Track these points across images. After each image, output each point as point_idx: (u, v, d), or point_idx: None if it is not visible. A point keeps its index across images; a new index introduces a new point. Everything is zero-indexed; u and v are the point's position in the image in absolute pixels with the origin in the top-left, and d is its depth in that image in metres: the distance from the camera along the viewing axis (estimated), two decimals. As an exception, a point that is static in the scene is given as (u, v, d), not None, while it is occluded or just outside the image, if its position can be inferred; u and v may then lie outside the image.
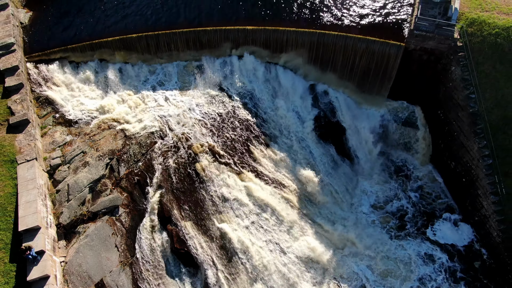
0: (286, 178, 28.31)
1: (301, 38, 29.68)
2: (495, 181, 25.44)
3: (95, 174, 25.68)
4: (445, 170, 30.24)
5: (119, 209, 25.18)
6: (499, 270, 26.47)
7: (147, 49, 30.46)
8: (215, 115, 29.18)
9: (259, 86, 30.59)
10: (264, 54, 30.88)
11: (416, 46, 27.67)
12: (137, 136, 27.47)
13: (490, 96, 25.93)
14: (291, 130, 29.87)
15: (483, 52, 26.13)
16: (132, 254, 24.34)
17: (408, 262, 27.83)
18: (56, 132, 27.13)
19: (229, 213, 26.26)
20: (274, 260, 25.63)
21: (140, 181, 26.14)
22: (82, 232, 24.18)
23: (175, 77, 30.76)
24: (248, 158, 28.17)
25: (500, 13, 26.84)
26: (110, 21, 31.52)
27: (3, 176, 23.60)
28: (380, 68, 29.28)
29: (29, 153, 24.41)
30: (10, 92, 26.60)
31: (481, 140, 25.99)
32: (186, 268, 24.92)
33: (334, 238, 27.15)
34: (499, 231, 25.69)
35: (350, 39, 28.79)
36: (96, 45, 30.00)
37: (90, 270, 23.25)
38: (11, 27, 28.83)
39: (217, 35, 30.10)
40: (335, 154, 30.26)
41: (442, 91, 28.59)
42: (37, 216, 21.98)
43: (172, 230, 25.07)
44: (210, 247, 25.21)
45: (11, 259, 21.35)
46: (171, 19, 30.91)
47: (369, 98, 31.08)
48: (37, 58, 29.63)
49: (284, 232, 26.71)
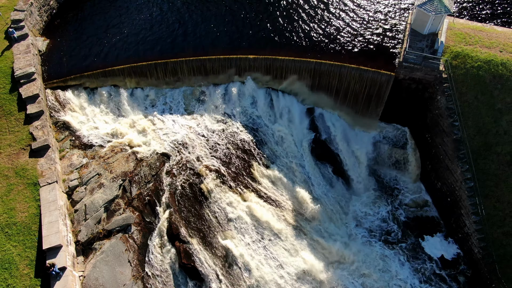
0: (284, 198, 30.66)
1: (299, 66, 31.96)
2: (476, 202, 27.72)
3: (110, 195, 28.06)
4: (433, 189, 32.51)
5: (131, 227, 27.55)
6: (480, 283, 28.74)
7: (156, 76, 32.76)
8: (219, 138, 31.50)
9: (260, 110, 32.90)
10: (265, 80, 33.19)
11: (405, 76, 29.91)
12: (147, 159, 29.84)
13: (472, 124, 28.15)
14: (289, 152, 32.19)
15: (466, 83, 28.35)
16: (144, 268, 26.72)
17: (396, 273, 30.15)
18: (73, 155, 29.52)
19: (232, 231, 28.64)
20: (272, 274, 28.00)
21: (151, 201, 28.52)
22: (98, 248, 26.55)
23: (182, 102, 33.09)
24: (250, 179, 30.52)
25: (483, 46, 29.05)
26: (122, 48, 33.86)
27: (27, 198, 25.99)
28: (373, 94, 31.54)
29: (50, 176, 26.79)
30: (32, 118, 28.93)
31: (463, 164, 28.24)
32: (192, 281, 27.26)
33: (328, 254, 29.47)
34: (479, 248, 27.97)
35: (344, 68, 31.06)
36: (109, 72, 32.31)
37: (106, 284, 25.62)
38: (31, 57, 31.16)
39: (221, 63, 32.38)
40: (330, 174, 32.57)
41: (429, 117, 30.83)
42: (59, 235, 24.34)
43: (179, 246, 27.43)
44: (215, 262, 27.58)
45: (36, 274, 23.71)
46: (178, 47, 33.22)
47: (362, 121, 33.31)
48: (55, 84, 31.97)
49: (281, 248, 29.06)
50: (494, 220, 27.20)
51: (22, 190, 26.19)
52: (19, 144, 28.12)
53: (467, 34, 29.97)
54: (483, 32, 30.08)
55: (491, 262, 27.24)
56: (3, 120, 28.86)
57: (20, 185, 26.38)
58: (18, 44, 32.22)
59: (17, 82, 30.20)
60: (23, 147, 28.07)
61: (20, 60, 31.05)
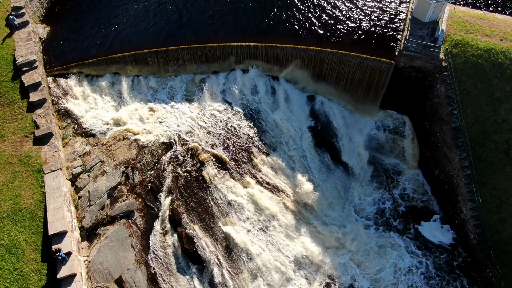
0: (284, 184, 31.15)
1: (300, 54, 32.05)
2: (473, 189, 28.19)
3: (113, 182, 28.55)
4: (431, 176, 32.96)
5: (134, 213, 28.13)
6: (475, 267, 29.44)
7: (157, 64, 32.88)
8: (219, 125, 31.82)
9: (261, 98, 33.11)
10: (265, 68, 33.32)
11: (405, 64, 30.02)
12: (149, 146, 30.23)
13: (471, 113, 28.41)
14: (290, 139, 32.53)
15: (466, 72, 28.49)
16: (147, 253, 27.39)
17: (394, 258, 30.81)
18: (76, 142, 29.90)
19: (233, 217, 29.22)
20: (272, 259, 28.68)
21: (153, 188, 29.02)
22: (102, 234, 27.18)
23: (183, 89, 33.29)
24: (250, 166, 30.97)
25: (483, 35, 29.08)
26: (123, 36, 33.87)
27: (32, 185, 26.48)
28: (373, 82, 31.70)
29: (54, 163, 27.23)
30: (34, 106, 29.22)
31: (461, 152, 28.60)
32: (194, 265, 27.97)
33: (327, 239, 30.11)
34: (475, 234, 28.56)
35: (345, 56, 31.15)
36: (110, 60, 32.43)
37: (110, 268, 26.34)
38: (32, 44, 31.24)
39: (222, 50, 32.46)
40: (329, 161, 32.96)
41: (428, 105, 31.06)
42: (63, 221, 24.93)
43: (181, 232, 28.06)
44: (216, 247, 28.25)
45: (42, 259, 24.38)
46: (179, 35, 33.24)
47: (362, 108, 33.56)
48: (56, 72, 32.15)
49: (281, 234, 29.68)
50: (490, 207, 27.69)
51: (26, 177, 26.66)
52: (23, 132, 28.48)
53: (468, 22, 29.96)
54: (484, 20, 30.05)
55: (486, 248, 27.85)
56: (6, 108, 29.15)
57: (24, 172, 26.84)
58: (19, 31, 32.26)
59: (19, 70, 30.38)
60: (26, 134, 28.44)
61: (21, 47, 31.15)
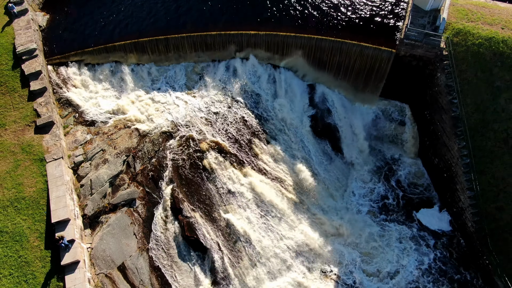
0: (284, 173, 31.39)
1: (301, 42, 31.94)
2: (471, 178, 28.41)
3: (114, 170, 28.80)
4: (430, 165, 33.19)
5: (136, 201, 28.45)
6: (472, 255, 29.88)
7: (157, 52, 32.79)
8: (220, 114, 31.92)
9: (261, 87, 33.14)
10: (266, 57, 33.22)
11: (406, 52, 29.95)
12: (150, 135, 30.38)
13: (471, 102, 28.45)
14: (290, 128, 32.65)
15: (466, 61, 28.44)
16: (148, 241, 27.79)
17: (393, 246, 31.24)
18: (78, 131, 30.06)
19: (233, 205, 29.55)
20: (272, 246, 29.10)
21: (154, 176, 29.28)
22: (105, 222, 27.55)
23: (183, 78, 33.29)
24: (251, 155, 31.17)
25: (485, 23, 28.93)
26: (124, 24, 33.70)
27: (34, 173, 26.74)
28: (373, 71, 31.64)
29: (56, 152, 27.44)
30: (35, 95, 29.30)
31: (461, 141, 28.74)
32: (195, 252, 28.39)
33: (326, 227, 30.50)
34: (473, 222, 28.89)
35: (345, 44, 31.04)
36: (110, 48, 32.35)
37: (113, 255, 26.78)
38: (32, 32, 31.14)
39: (222, 38, 32.34)
40: (329, 149, 33.15)
41: (428, 94, 31.08)
42: (66, 209, 25.27)
43: (183, 220, 28.42)
44: (217, 235, 28.64)
45: (46, 246, 24.79)
46: (180, 24, 33.08)
47: (362, 97, 33.59)
48: (57, 61, 32.10)
49: (281, 221, 30.03)
50: (488, 196, 27.95)
51: (29, 166, 26.91)
52: (24, 121, 28.62)
53: (470, 10, 29.78)
54: (486, 9, 29.86)
55: (483, 236, 28.22)
56: (7, 96, 29.23)
57: (26, 161, 27.08)
58: (18, 19, 32.13)
59: (19, 59, 30.35)
60: (28, 123, 28.59)
61: (21, 36, 31.06)
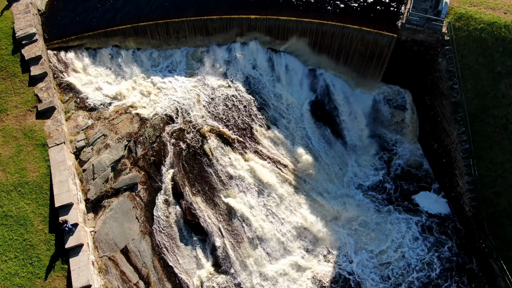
0: (285, 158, 31.65)
1: (302, 27, 31.70)
2: (470, 163, 28.65)
3: (116, 155, 29.05)
4: (429, 150, 33.39)
5: (138, 186, 28.80)
6: (469, 239, 30.38)
7: (157, 37, 32.59)
8: (221, 99, 31.98)
9: (262, 71, 33.07)
10: (267, 41, 33.02)
11: (407, 37, 29.77)
12: (151, 120, 30.52)
13: (471, 87, 28.44)
14: (290, 113, 32.74)
15: (468, 46, 28.30)
16: (151, 224, 28.27)
17: (392, 229, 31.71)
18: (79, 116, 30.18)
19: (234, 189, 29.92)
20: (272, 230, 29.58)
21: (155, 161, 29.55)
22: (107, 206, 27.96)
23: (184, 62, 33.19)
24: (251, 140, 31.37)
25: (487, 8, 28.66)
26: (123, 8, 33.35)
27: (37, 158, 27.00)
28: (374, 55, 31.52)
29: (58, 137, 27.63)
30: (36, 80, 29.29)
31: (460, 126, 28.86)
32: (197, 236, 28.92)
33: (326, 211, 30.90)
34: (470, 207, 29.27)
35: (347, 29, 30.82)
36: (111, 33, 32.13)
37: (116, 238, 27.28)
38: (31, 17, 30.91)
39: (222, 23, 32.08)
40: (329, 134, 33.29)
41: (429, 79, 31.04)
42: (69, 194, 25.62)
43: (184, 204, 28.82)
44: (218, 219, 29.09)
45: (50, 230, 25.25)
46: (180, 8, 32.73)
47: (363, 82, 33.52)
48: (56, 45, 31.92)
49: (281, 206, 30.43)
50: (486, 181, 28.22)
51: (31, 151, 27.15)
52: (25, 106, 28.72)
53: (473, -6, 29.45)
54: (489, -8, 29.51)
55: (480, 220, 28.63)
56: (8, 82, 29.25)
57: (29, 146, 27.31)
58: (17, 3, 31.82)
59: (19, 43, 30.23)
60: (29, 108, 28.69)
61: (20, 20, 30.86)
